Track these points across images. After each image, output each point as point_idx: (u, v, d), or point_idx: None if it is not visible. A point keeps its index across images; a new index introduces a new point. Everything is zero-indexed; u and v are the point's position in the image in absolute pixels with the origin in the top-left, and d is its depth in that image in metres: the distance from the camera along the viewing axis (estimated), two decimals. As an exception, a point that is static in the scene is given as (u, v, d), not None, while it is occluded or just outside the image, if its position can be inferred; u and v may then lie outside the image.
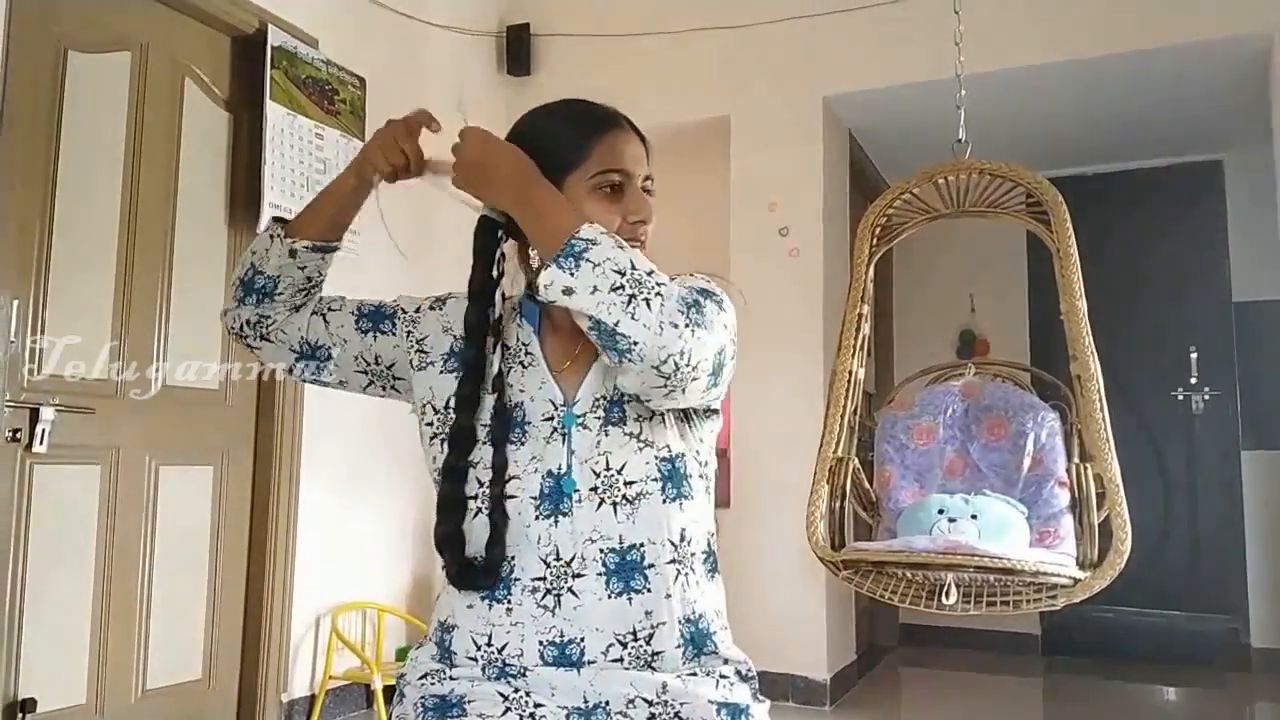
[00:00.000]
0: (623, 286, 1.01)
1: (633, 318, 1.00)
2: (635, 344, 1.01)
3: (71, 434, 2.64)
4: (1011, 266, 5.03)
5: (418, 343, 1.26)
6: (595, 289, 1.01)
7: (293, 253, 1.25)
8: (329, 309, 1.29)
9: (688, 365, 1.03)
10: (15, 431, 2.50)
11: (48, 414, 2.54)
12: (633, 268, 1.03)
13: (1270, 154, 4.26)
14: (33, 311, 2.57)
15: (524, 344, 1.23)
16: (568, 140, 1.18)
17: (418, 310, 1.29)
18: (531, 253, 1.19)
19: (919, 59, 3.67)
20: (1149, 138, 4.61)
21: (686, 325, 1.02)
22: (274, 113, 3.13)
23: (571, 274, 1.02)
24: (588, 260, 1.02)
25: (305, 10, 3.34)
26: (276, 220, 1.29)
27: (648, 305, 1.01)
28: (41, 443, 2.53)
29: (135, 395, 2.83)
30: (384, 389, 1.31)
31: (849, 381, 2.30)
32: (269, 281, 1.26)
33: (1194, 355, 4.76)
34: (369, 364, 1.28)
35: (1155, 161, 4.89)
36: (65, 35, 2.67)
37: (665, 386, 1.04)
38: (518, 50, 4.34)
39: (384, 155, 1.21)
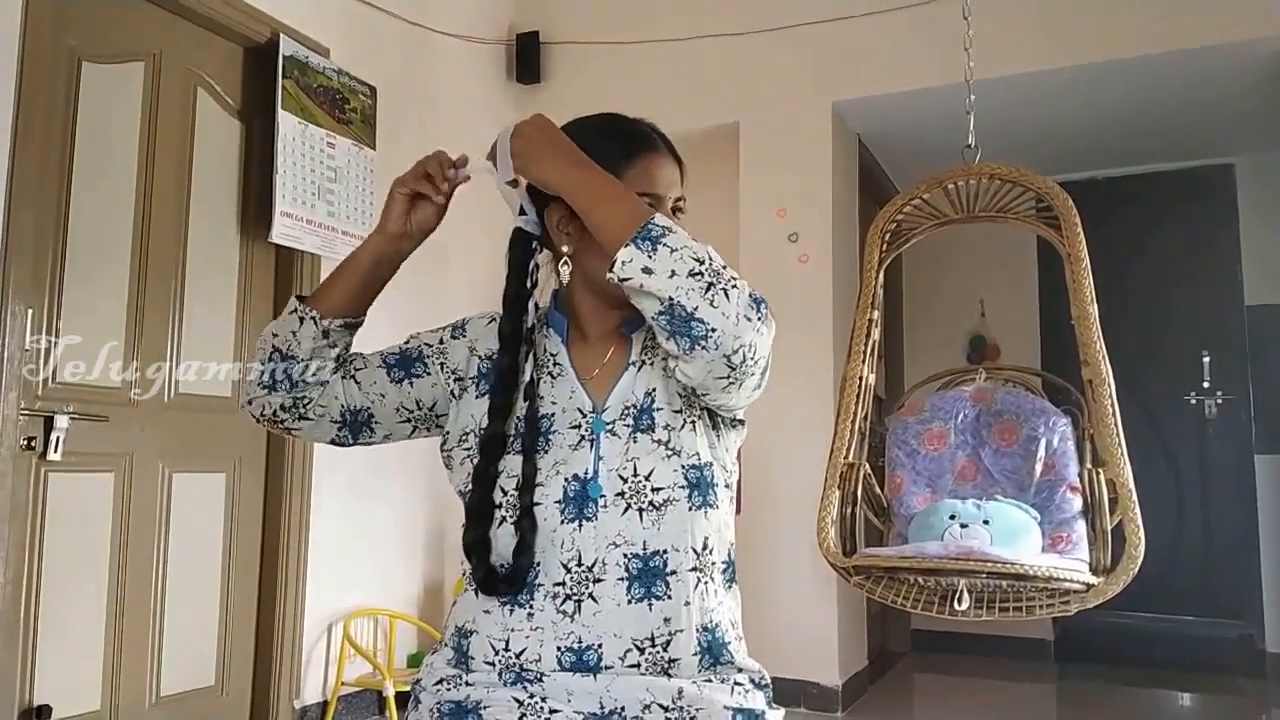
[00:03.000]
0: (701, 274, 1.03)
1: (712, 304, 1.02)
2: (713, 331, 1.02)
3: (85, 442, 2.65)
4: (1022, 271, 5.02)
5: (453, 373, 1.26)
6: (674, 273, 1.02)
7: (326, 333, 1.23)
8: (356, 369, 1.27)
9: (753, 358, 1.05)
10: (30, 439, 2.51)
11: (62, 422, 2.56)
12: (710, 258, 1.04)
13: (1282, 157, 4.25)
14: (46, 320, 2.58)
15: (552, 354, 1.23)
16: (603, 159, 1.17)
17: (441, 342, 1.28)
18: (564, 249, 1.19)
19: (928, 65, 3.67)
20: (1160, 142, 4.59)
21: (758, 318, 1.04)
22: (285, 122, 3.15)
23: (649, 255, 1.03)
24: (665, 245, 1.04)
25: (316, 20, 3.36)
26: (299, 300, 1.25)
27: (726, 295, 1.02)
28: (55, 450, 2.54)
29: (147, 402, 2.85)
30: (428, 430, 1.30)
31: (859, 387, 2.30)
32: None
33: (1206, 359, 4.74)
34: (411, 411, 1.27)
35: (1167, 165, 4.88)
36: (79, 46, 2.69)
37: (729, 378, 1.06)
38: (527, 58, 4.36)
39: (409, 181, 1.22)
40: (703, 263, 1.03)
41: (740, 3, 4.08)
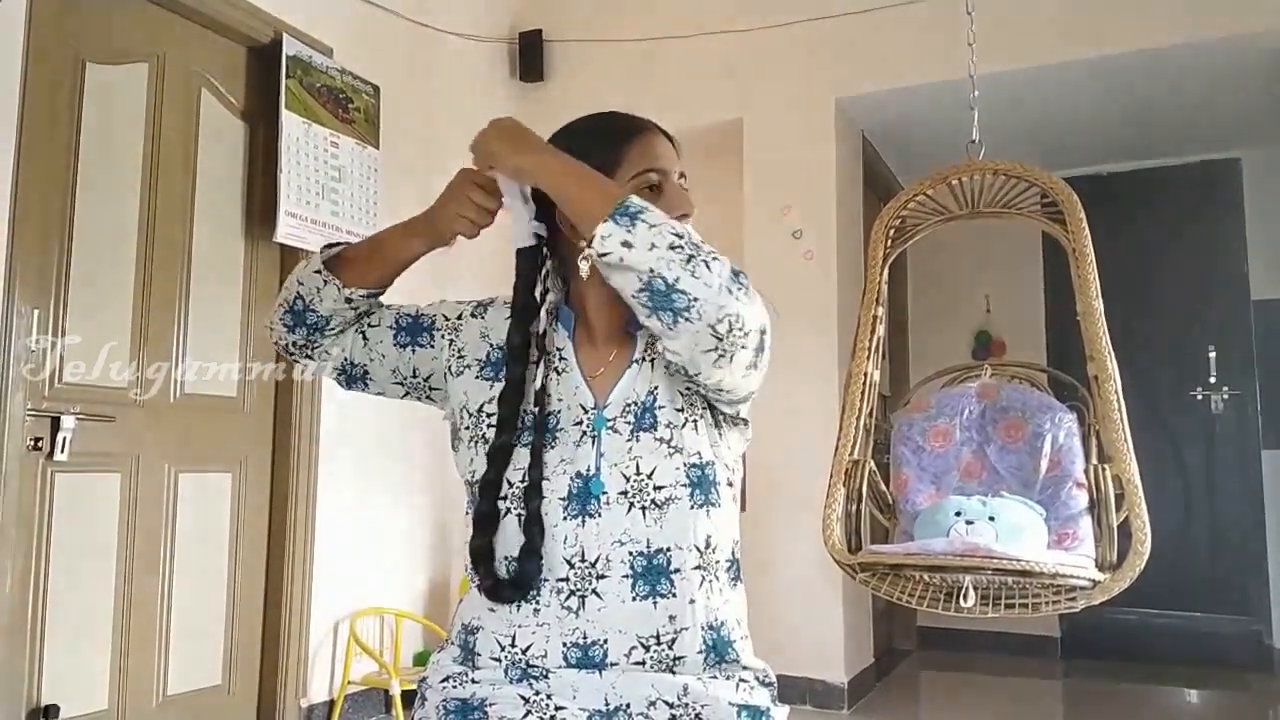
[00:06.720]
0: (681, 247, 1.03)
1: (693, 275, 1.02)
2: (695, 300, 1.02)
3: (92, 442, 2.66)
4: (1027, 267, 5.00)
5: (458, 351, 1.26)
6: (654, 245, 1.03)
7: (349, 299, 1.26)
8: (369, 324, 1.30)
9: (740, 330, 1.04)
10: (37, 440, 2.52)
11: (68, 422, 2.56)
12: (688, 233, 1.05)
13: (1288, 151, 4.23)
14: (53, 321, 2.59)
15: (558, 349, 1.23)
16: (602, 149, 1.18)
17: (459, 318, 1.29)
18: (584, 244, 1.18)
19: (931, 60, 3.66)
20: (1165, 136, 4.58)
21: (740, 288, 1.04)
22: (289, 121, 3.15)
23: (628, 230, 1.03)
24: (643, 220, 1.04)
25: (320, 20, 3.37)
26: (327, 249, 1.28)
27: (707, 266, 1.03)
28: (62, 451, 2.55)
29: (153, 402, 2.86)
30: (420, 397, 1.32)
31: (864, 384, 2.30)
32: (321, 319, 1.27)
33: (1213, 354, 4.73)
34: (406, 377, 1.29)
35: (1172, 160, 4.86)
36: (83, 47, 2.70)
37: (717, 350, 1.05)
38: (530, 57, 4.35)
39: (463, 216, 1.20)
40: (681, 237, 1.04)
41: (743, 0, 4.08)
